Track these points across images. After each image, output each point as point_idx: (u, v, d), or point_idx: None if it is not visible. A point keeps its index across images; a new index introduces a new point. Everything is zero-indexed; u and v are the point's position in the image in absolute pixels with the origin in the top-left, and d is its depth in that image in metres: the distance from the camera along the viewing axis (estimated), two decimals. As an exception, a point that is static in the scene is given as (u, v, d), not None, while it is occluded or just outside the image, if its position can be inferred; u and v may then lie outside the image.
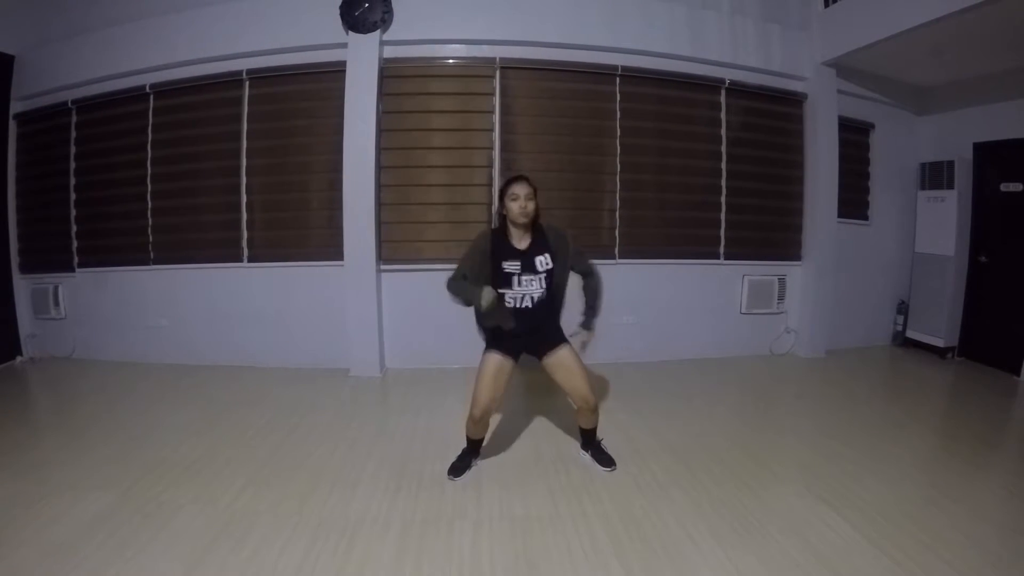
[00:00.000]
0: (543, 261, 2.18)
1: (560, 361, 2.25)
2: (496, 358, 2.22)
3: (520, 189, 2.14)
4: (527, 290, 2.19)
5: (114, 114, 4.17)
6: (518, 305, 2.20)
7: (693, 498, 2.19)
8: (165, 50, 3.98)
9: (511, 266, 2.17)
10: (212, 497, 2.21)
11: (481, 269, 2.20)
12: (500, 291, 2.18)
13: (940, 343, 4.39)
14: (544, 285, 2.20)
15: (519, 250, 2.19)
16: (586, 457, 2.51)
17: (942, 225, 4.39)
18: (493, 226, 2.34)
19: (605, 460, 2.46)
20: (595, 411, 2.36)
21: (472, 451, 2.47)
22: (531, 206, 2.15)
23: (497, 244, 2.20)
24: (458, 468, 2.40)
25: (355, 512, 2.11)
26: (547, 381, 2.44)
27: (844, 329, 4.51)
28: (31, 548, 1.87)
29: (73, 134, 4.27)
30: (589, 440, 2.50)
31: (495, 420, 2.93)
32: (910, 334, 4.66)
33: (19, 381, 3.95)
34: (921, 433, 2.96)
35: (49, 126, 4.32)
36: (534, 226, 2.22)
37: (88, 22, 4.15)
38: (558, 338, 2.29)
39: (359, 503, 2.18)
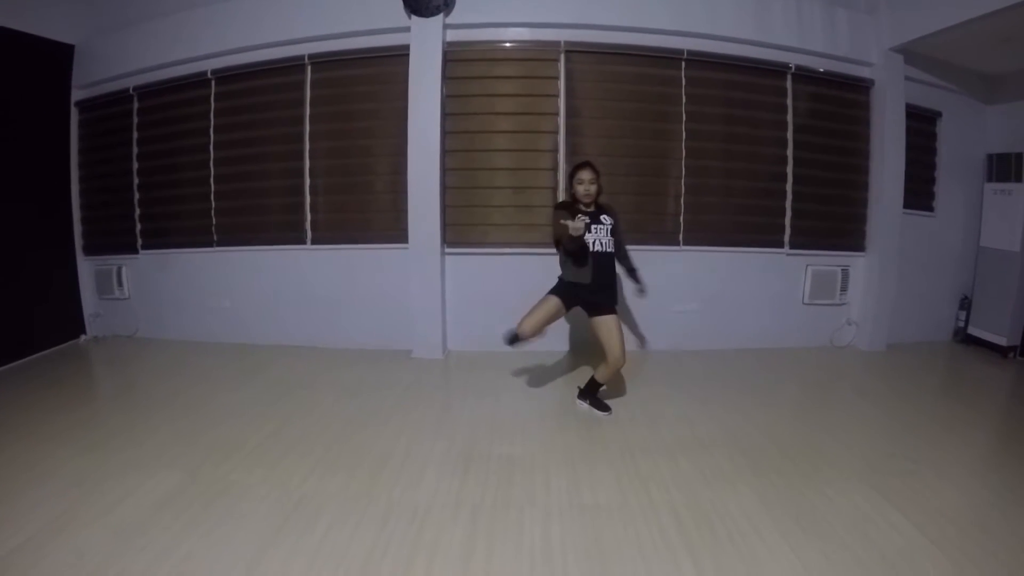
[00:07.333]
0: (606, 219, 2.71)
1: (606, 323, 2.69)
2: (555, 299, 2.72)
3: (585, 175, 2.66)
4: (599, 237, 2.67)
5: (176, 100, 4.23)
6: (597, 249, 2.67)
7: (758, 491, 2.15)
8: (225, 36, 4.01)
9: (583, 219, 2.59)
10: (281, 478, 2.21)
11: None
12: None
13: (1003, 341, 4.25)
14: (609, 236, 2.69)
15: (586, 212, 2.69)
16: (583, 405, 2.90)
17: (1009, 219, 4.24)
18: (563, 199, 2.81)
19: (602, 406, 2.86)
20: (616, 372, 2.79)
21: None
22: (593, 189, 2.68)
23: (570, 208, 2.72)
24: (511, 338, 2.78)
25: (424, 495, 2.10)
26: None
27: (905, 323, 4.39)
28: (97, 528, 1.87)
29: (135, 120, 4.34)
30: (590, 390, 2.88)
31: (567, 408, 2.95)
32: (972, 331, 4.52)
33: (83, 359, 4.04)
34: (985, 434, 2.87)
35: (111, 113, 4.41)
36: (596, 203, 2.75)
37: (147, 10, 4.21)
38: (611, 306, 2.73)
39: (428, 486, 2.17)
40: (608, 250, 2.69)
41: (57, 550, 1.76)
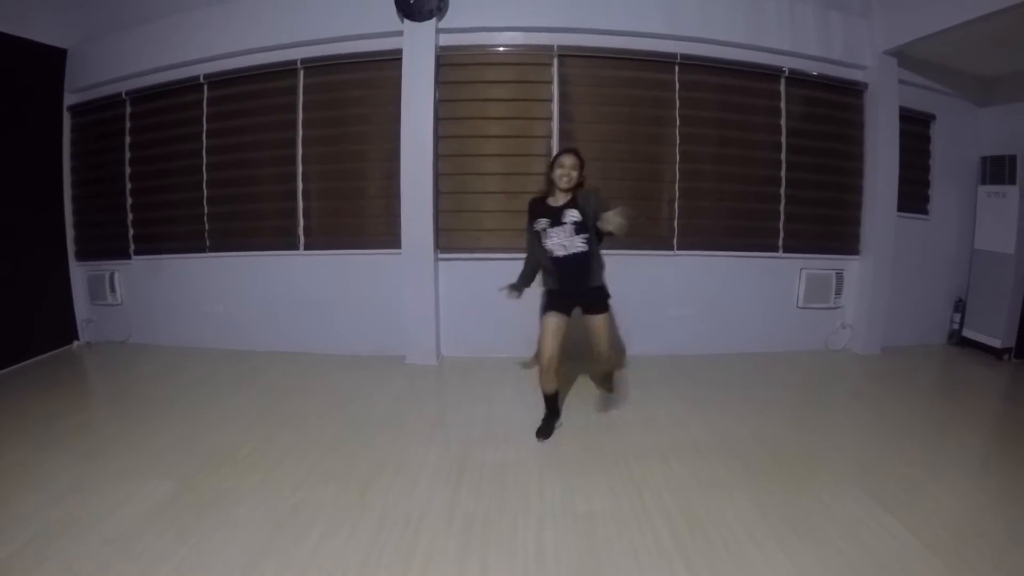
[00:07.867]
0: (571, 215, 2.50)
1: (595, 323, 2.64)
2: (553, 317, 2.61)
3: (567, 160, 2.52)
4: (561, 240, 2.51)
5: (168, 104, 4.20)
6: (560, 254, 2.53)
7: (753, 496, 2.15)
8: (218, 41, 4.00)
9: (541, 224, 2.55)
10: (274, 486, 2.21)
11: (532, 236, 2.66)
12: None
13: (997, 343, 4.25)
14: (575, 233, 2.49)
15: (552, 208, 2.55)
16: (612, 397, 3.07)
17: (1003, 221, 4.24)
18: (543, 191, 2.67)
19: (612, 388, 3.10)
20: (607, 361, 2.85)
21: (552, 412, 2.77)
22: (574, 175, 2.50)
23: (534, 208, 2.62)
24: (544, 431, 2.72)
25: (418, 503, 2.09)
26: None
27: (900, 326, 4.39)
28: (91, 536, 1.86)
29: (128, 124, 4.31)
30: (608, 380, 3.06)
31: (561, 414, 2.92)
32: (966, 333, 4.52)
33: (77, 365, 4.02)
34: (980, 436, 2.87)
35: (103, 117, 4.38)
36: (575, 191, 2.55)
37: (139, 14, 4.20)
38: (602, 306, 2.64)
39: (422, 494, 2.16)
40: (573, 252, 2.49)
41: (54, 556, 1.75)
